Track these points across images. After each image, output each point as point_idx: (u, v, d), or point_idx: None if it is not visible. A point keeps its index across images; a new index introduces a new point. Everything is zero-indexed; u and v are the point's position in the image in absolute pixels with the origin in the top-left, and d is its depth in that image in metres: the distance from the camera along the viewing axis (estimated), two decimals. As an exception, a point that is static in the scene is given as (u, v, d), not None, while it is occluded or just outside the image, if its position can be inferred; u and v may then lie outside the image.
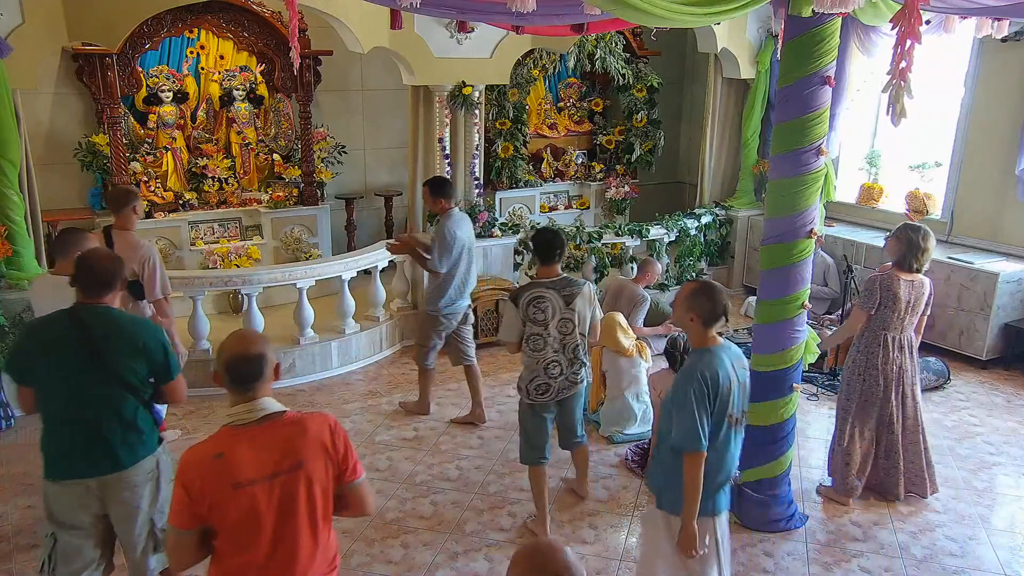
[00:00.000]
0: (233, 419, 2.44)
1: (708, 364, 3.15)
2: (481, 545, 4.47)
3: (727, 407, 3.16)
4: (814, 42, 4.00)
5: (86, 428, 3.14)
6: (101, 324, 3.14)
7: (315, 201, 8.08)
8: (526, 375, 4.38)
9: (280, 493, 2.40)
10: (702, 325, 3.19)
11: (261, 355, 2.46)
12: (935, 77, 7.77)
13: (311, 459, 2.44)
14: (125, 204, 4.81)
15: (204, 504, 2.35)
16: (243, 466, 2.36)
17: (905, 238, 4.62)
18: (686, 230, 8.50)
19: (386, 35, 6.88)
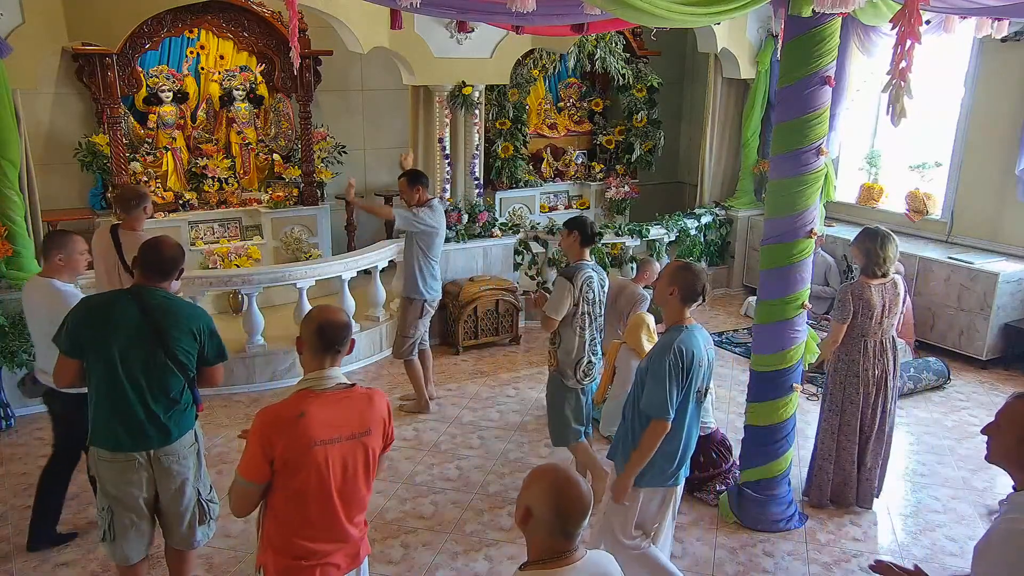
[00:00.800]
0: (310, 383, 2.64)
1: (684, 340, 3.36)
2: (481, 545, 4.47)
3: (696, 382, 3.38)
4: (814, 42, 4.00)
5: (139, 401, 3.28)
6: (161, 306, 3.31)
7: (315, 201, 8.08)
8: (570, 358, 4.50)
9: (348, 455, 2.64)
10: (680, 301, 3.41)
11: (349, 324, 2.72)
12: (935, 77, 7.77)
13: (374, 429, 2.71)
14: (136, 205, 4.84)
15: (280, 459, 2.53)
16: (321, 426, 2.56)
17: (863, 248, 4.56)
18: (686, 230, 8.51)
19: (386, 35, 6.88)
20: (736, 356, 7.27)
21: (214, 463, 5.29)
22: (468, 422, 5.94)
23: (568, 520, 2.07)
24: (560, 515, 2.07)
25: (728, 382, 6.62)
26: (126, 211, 4.85)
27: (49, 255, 4.06)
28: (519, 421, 5.98)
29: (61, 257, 4.04)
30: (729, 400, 6.20)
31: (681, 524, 4.67)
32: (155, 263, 3.37)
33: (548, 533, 2.09)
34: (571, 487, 2.10)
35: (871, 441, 4.75)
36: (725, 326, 8.10)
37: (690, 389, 3.38)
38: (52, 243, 4.10)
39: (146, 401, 3.30)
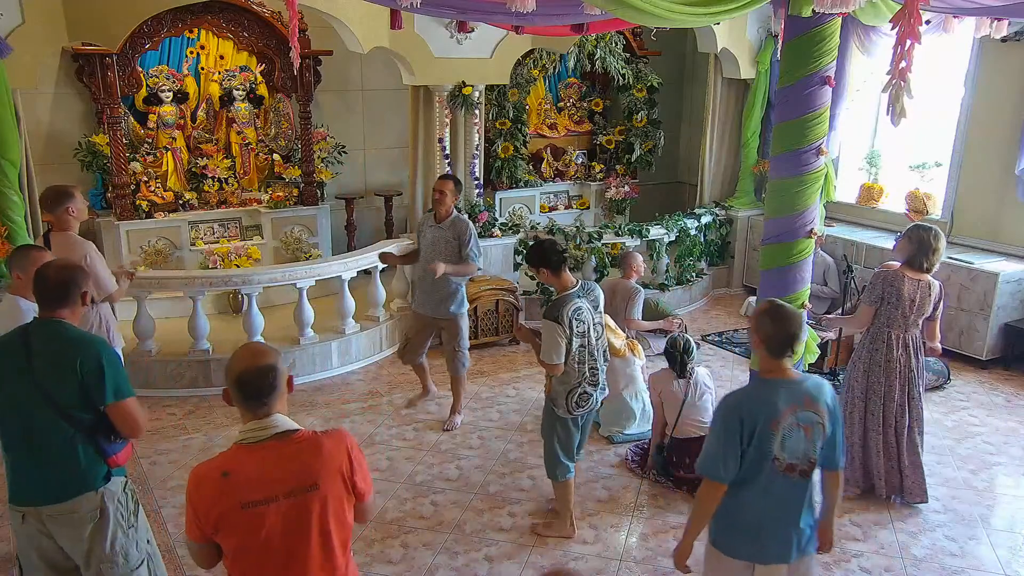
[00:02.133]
0: (243, 437, 2.34)
1: (752, 395, 2.93)
2: (481, 545, 4.47)
3: (769, 448, 2.82)
4: (814, 42, 4.00)
5: (24, 452, 2.93)
6: (42, 341, 2.92)
7: (315, 201, 8.08)
8: (562, 389, 4.24)
9: (291, 515, 2.29)
10: (766, 351, 2.89)
11: (272, 367, 2.34)
12: (935, 77, 7.77)
13: (325, 481, 2.32)
14: (58, 205, 4.40)
15: (210, 522, 2.27)
16: (251, 486, 2.26)
17: (916, 237, 4.62)
18: (686, 230, 8.50)
19: (386, 35, 6.88)
20: (736, 356, 7.27)
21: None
22: (468, 422, 5.94)
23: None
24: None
25: (728, 382, 6.62)
26: (49, 211, 4.43)
27: (11, 271, 3.74)
28: (519, 421, 5.98)
29: (18, 275, 3.69)
30: (729, 400, 6.19)
31: (681, 524, 4.66)
32: (42, 290, 2.97)
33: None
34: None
35: (903, 435, 4.77)
36: (725, 326, 8.10)
37: (762, 455, 2.83)
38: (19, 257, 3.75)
39: (31, 453, 2.90)
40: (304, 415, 5.99)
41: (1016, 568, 4.35)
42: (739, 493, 2.90)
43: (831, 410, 2.91)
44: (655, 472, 5.11)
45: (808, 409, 2.85)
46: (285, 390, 2.40)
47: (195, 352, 6.34)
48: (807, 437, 2.84)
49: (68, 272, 3.02)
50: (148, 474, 5.14)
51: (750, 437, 2.81)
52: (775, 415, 2.81)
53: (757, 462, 2.84)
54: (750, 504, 2.91)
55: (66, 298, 2.98)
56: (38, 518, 2.95)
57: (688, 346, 5.05)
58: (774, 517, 2.93)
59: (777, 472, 2.85)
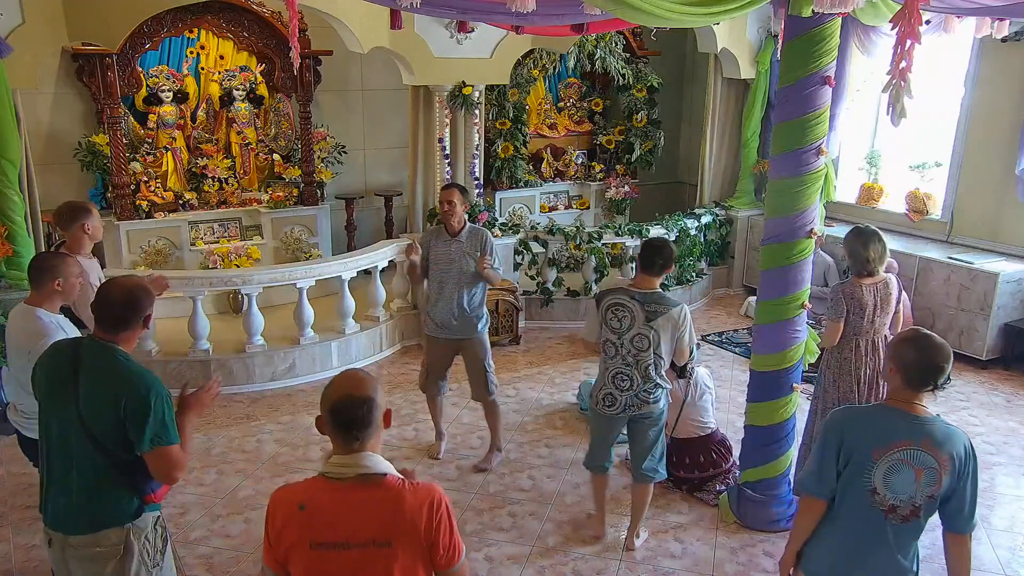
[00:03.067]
0: (329, 470, 2.19)
1: (864, 416, 2.74)
2: (482, 545, 4.46)
3: (867, 477, 2.63)
4: (814, 42, 4.00)
5: (58, 475, 2.78)
6: (93, 365, 2.75)
7: (315, 201, 8.08)
8: (597, 381, 4.28)
9: (358, 567, 2.13)
10: (902, 380, 2.66)
11: (369, 399, 2.18)
12: (935, 77, 7.77)
13: (399, 539, 2.14)
14: (70, 221, 4.13)
15: (281, 551, 2.16)
16: (325, 526, 2.12)
17: (848, 248, 4.55)
18: (686, 230, 8.50)
19: (386, 35, 6.88)
20: (736, 356, 7.27)
21: (214, 463, 5.30)
22: (468, 422, 5.94)
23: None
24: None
25: (728, 382, 6.62)
26: (63, 228, 4.22)
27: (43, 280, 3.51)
28: (519, 421, 5.98)
29: (59, 283, 3.51)
30: (729, 400, 6.20)
31: (681, 524, 4.67)
32: (101, 310, 2.78)
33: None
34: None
35: None
36: (725, 326, 8.10)
37: (858, 488, 2.65)
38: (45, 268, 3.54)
39: (66, 473, 2.75)
40: (305, 415, 6.00)
41: (1016, 568, 4.35)
42: (832, 519, 2.76)
43: (958, 462, 2.62)
44: (655, 472, 5.10)
45: (926, 451, 2.61)
46: (381, 425, 2.25)
47: (195, 352, 6.34)
48: (916, 480, 2.61)
49: (135, 293, 2.82)
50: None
51: (847, 458, 2.66)
52: (882, 444, 2.62)
53: (852, 489, 2.67)
54: (841, 533, 2.75)
55: (126, 322, 2.79)
56: (62, 546, 2.79)
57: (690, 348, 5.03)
58: (866, 557, 2.72)
59: (875, 509, 2.65)
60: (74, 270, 3.60)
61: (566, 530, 4.61)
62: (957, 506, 2.66)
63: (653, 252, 4.11)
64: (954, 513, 2.68)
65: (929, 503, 2.65)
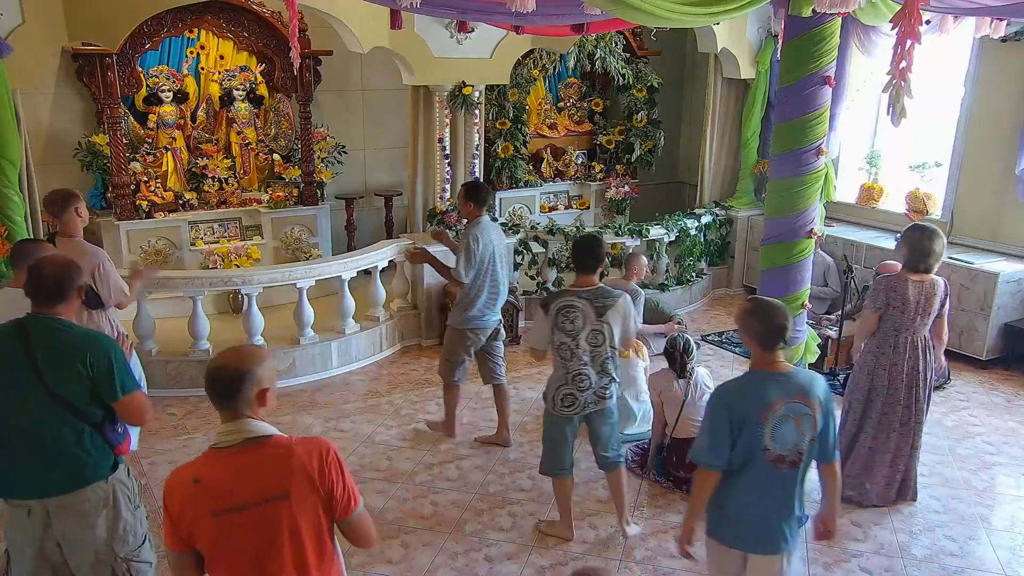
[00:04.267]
0: (217, 441, 2.30)
1: (743, 387, 3.01)
2: (481, 545, 4.46)
3: (759, 438, 2.90)
4: (814, 42, 4.00)
5: (27, 446, 2.93)
6: (45, 337, 2.92)
7: (315, 201, 8.08)
8: (552, 384, 4.26)
9: (261, 524, 2.23)
10: (757, 345, 2.99)
11: (239, 371, 2.27)
12: (935, 77, 7.77)
13: (295, 489, 2.24)
14: (63, 207, 4.34)
15: (184, 529, 2.25)
16: (221, 493, 2.22)
17: (910, 240, 4.57)
18: (686, 230, 8.50)
19: (386, 35, 6.88)
20: (736, 356, 7.27)
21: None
22: (468, 422, 5.94)
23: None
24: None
25: (728, 382, 6.62)
26: (55, 215, 4.39)
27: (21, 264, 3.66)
28: (519, 421, 5.98)
29: None
30: (729, 400, 6.19)
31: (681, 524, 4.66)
32: (38, 287, 2.96)
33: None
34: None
35: (900, 437, 4.74)
36: (725, 326, 8.10)
37: (750, 446, 2.92)
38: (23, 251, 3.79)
39: (37, 446, 2.92)
40: (305, 415, 6.00)
41: (1016, 568, 4.35)
42: (732, 484, 3.00)
43: (823, 403, 2.97)
44: (655, 472, 5.12)
45: (799, 401, 2.91)
46: (254, 401, 2.31)
47: (195, 352, 6.34)
48: (797, 429, 2.91)
49: (64, 268, 3.01)
50: (148, 474, 5.14)
51: (740, 427, 2.90)
52: (765, 406, 2.89)
53: (748, 452, 2.93)
54: (743, 495, 3.00)
55: (62, 295, 2.98)
56: (44, 510, 2.97)
57: (688, 346, 5.05)
58: (766, 508, 3.01)
59: (767, 463, 2.93)
60: None
61: (566, 530, 4.61)
62: (824, 440, 3.01)
63: (585, 253, 4.19)
64: (823, 447, 3.02)
65: (810, 445, 2.96)
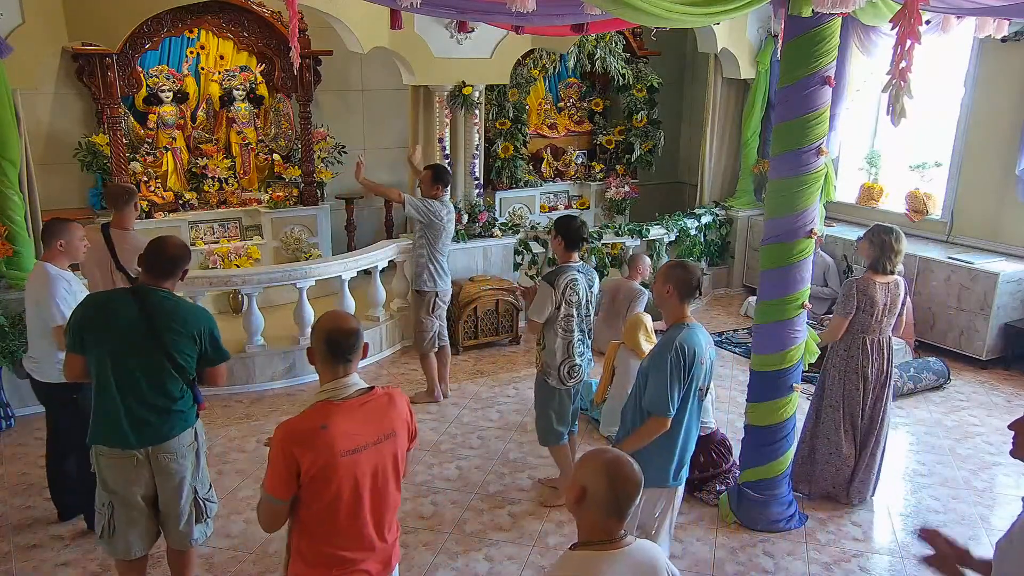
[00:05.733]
0: (328, 394, 2.59)
1: (685, 337, 3.36)
2: (481, 545, 4.47)
3: (698, 380, 3.40)
4: (814, 42, 4.00)
5: (137, 401, 3.31)
6: (161, 308, 3.33)
7: (315, 201, 8.08)
8: (554, 360, 4.53)
9: (376, 460, 2.62)
10: (678, 299, 3.42)
11: (357, 330, 2.63)
12: (935, 77, 7.77)
13: (399, 429, 2.70)
14: (127, 202, 4.77)
15: (307, 474, 2.50)
16: (345, 437, 2.53)
17: (878, 241, 4.58)
18: (686, 230, 8.51)
19: (386, 35, 6.88)
20: (736, 356, 7.27)
21: (214, 463, 5.29)
22: (468, 422, 5.94)
23: (621, 497, 2.15)
24: (614, 491, 2.13)
25: (728, 382, 6.62)
26: (116, 208, 4.79)
27: (49, 242, 4.15)
28: (519, 421, 5.98)
29: (62, 243, 4.13)
30: (729, 400, 6.20)
31: (681, 524, 4.67)
32: (156, 262, 3.40)
33: (602, 513, 2.15)
34: (623, 466, 2.19)
35: (868, 438, 4.77)
36: (725, 326, 8.10)
37: (691, 387, 3.40)
38: (52, 230, 4.17)
39: (144, 400, 3.32)
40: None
41: (1016, 568, 4.34)
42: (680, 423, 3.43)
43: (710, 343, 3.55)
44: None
45: (711, 345, 3.49)
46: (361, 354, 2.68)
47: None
48: (710, 366, 3.49)
49: (181, 249, 3.48)
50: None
51: (688, 372, 3.35)
52: (701, 351, 3.38)
53: (687, 394, 3.39)
54: (675, 430, 3.43)
55: (173, 272, 3.43)
56: (149, 457, 3.38)
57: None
58: (689, 440, 3.53)
59: (698, 400, 3.47)
60: (77, 234, 4.19)
61: (566, 530, 4.61)
62: None
63: (577, 231, 4.52)
64: None
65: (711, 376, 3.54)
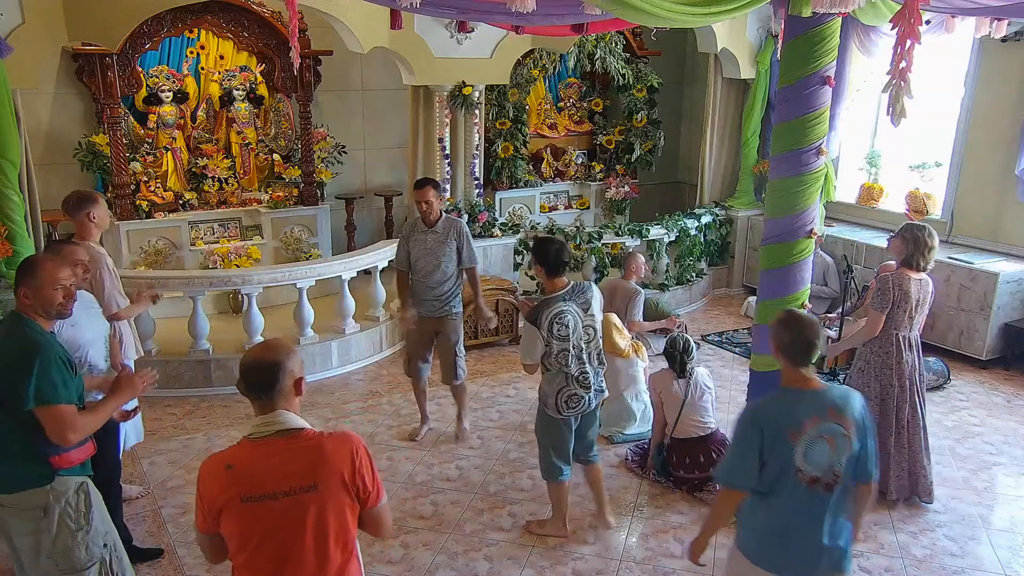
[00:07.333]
0: (251, 431, 2.38)
1: (773, 405, 2.89)
2: (481, 545, 4.46)
3: (790, 459, 2.76)
4: (814, 42, 4.00)
5: None
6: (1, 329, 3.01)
7: (315, 201, 8.08)
8: (551, 388, 4.21)
9: (287, 514, 2.31)
10: (786, 360, 2.87)
11: (275, 363, 2.35)
12: (935, 77, 7.77)
13: (325, 483, 2.32)
14: (78, 209, 4.27)
15: (213, 513, 2.33)
16: (253, 480, 2.30)
17: (912, 237, 4.62)
18: (686, 230, 8.51)
19: (386, 35, 6.89)
20: (736, 356, 7.27)
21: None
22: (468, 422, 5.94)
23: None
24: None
25: (728, 382, 6.62)
26: (71, 215, 4.34)
27: None
28: (519, 421, 5.98)
29: None
30: (729, 400, 6.19)
31: (681, 524, 4.67)
32: None
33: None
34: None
35: (914, 435, 4.78)
36: (725, 326, 8.10)
37: (783, 466, 2.78)
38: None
39: None
40: (304, 415, 5.97)
41: (1016, 568, 4.35)
42: (765, 501, 2.86)
43: (859, 422, 2.83)
44: (655, 472, 5.12)
45: (832, 420, 2.77)
46: (291, 391, 2.40)
47: (195, 352, 6.34)
48: (831, 449, 2.76)
49: None
50: (147, 474, 5.14)
51: (770, 447, 2.77)
52: (796, 426, 2.75)
53: (778, 473, 2.78)
54: (775, 514, 2.85)
55: None
56: None
57: (688, 346, 5.05)
58: (800, 530, 2.84)
59: (800, 485, 2.78)
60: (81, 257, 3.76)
61: (566, 530, 4.61)
62: (864, 460, 2.87)
63: (556, 255, 4.12)
64: (862, 467, 2.88)
65: (847, 466, 2.81)
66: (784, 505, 2.82)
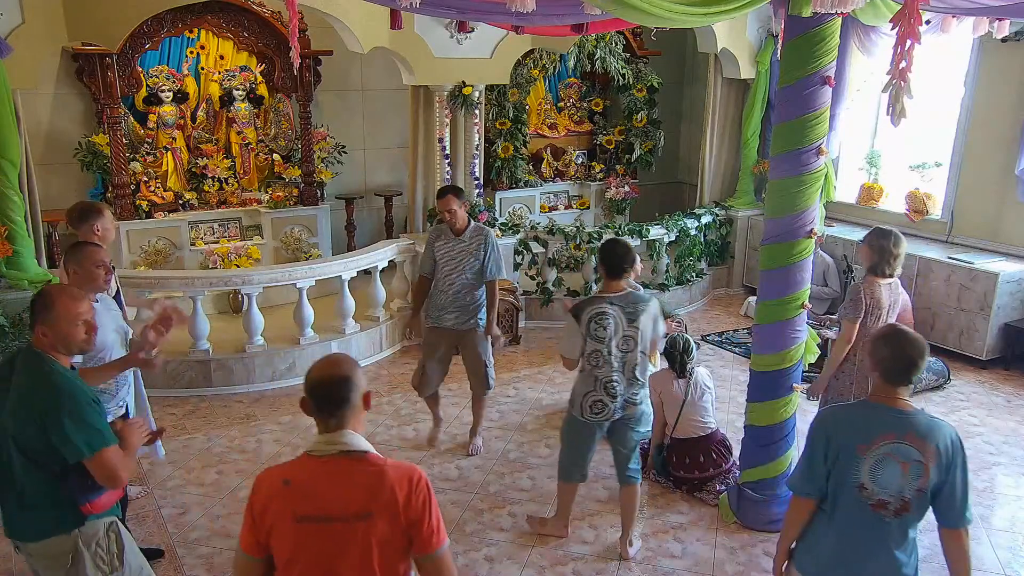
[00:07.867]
0: (313, 448, 2.27)
1: (847, 413, 2.81)
2: (481, 545, 4.46)
3: (855, 473, 2.64)
4: (814, 42, 4.00)
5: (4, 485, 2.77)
6: (20, 369, 2.73)
7: (315, 201, 8.08)
8: (580, 389, 4.17)
9: (338, 539, 2.19)
10: (880, 376, 2.71)
11: (345, 378, 2.27)
12: (935, 77, 7.77)
13: (380, 511, 2.19)
14: (82, 221, 4.11)
15: (264, 530, 2.21)
16: (309, 500, 2.19)
17: (877, 246, 4.55)
18: (686, 230, 8.50)
19: (386, 35, 6.88)
20: (736, 356, 7.27)
21: (214, 463, 5.30)
22: (468, 422, 5.92)
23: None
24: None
25: (728, 382, 6.62)
26: (73, 227, 4.19)
27: None
28: (519, 421, 5.98)
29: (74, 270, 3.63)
30: (729, 400, 6.20)
31: (681, 524, 4.67)
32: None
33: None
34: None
35: None
36: (725, 326, 8.10)
37: (845, 484, 2.66)
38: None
39: (9, 484, 2.75)
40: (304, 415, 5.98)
41: (1016, 568, 4.35)
42: (826, 520, 2.76)
43: (944, 455, 2.62)
44: (655, 472, 5.12)
45: (910, 444, 2.61)
46: (360, 405, 2.31)
47: (195, 352, 6.34)
48: (903, 473, 2.61)
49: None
50: (148, 474, 5.14)
51: (835, 456, 2.66)
52: (866, 439, 2.63)
53: (841, 486, 2.68)
54: (835, 532, 2.74)
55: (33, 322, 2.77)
56: (25, 551, 2.86)
57: (688, 346, 5.05)
58: (861, 554, 2.70)
59: (865, 504, 2.65)
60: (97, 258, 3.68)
61: (566, 530, 4.61)
62: (948, 499, 2.65)
63: (619, 258, 4.08)
64: (946, 507, 2.66)
65: (919, 497, 2.64)
66: (845, 524, 2.70)
